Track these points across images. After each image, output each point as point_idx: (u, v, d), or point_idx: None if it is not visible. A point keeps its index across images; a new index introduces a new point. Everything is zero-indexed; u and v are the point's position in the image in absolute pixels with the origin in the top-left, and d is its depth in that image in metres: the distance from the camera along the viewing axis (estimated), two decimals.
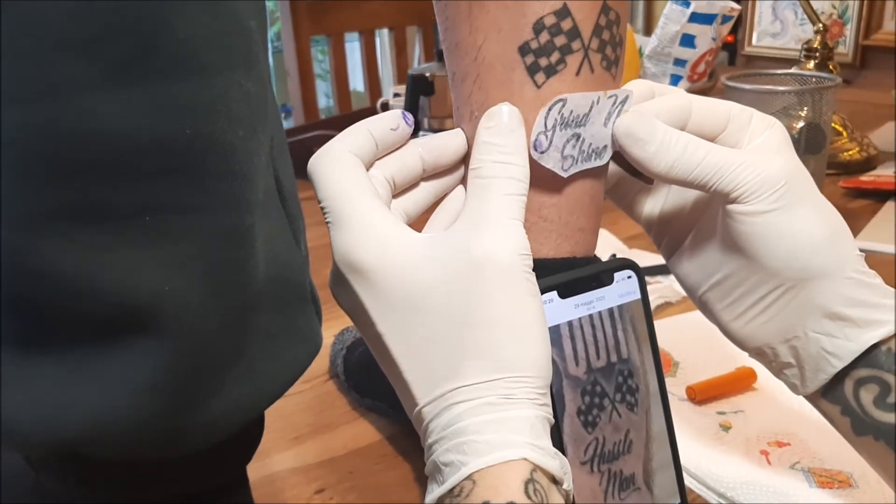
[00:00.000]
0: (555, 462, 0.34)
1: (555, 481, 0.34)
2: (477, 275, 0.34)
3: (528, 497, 0.32)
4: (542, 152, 0.39)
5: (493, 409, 0.34)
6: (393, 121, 0.39)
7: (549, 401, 0.36)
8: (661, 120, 0.40)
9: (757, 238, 0.40)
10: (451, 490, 0.33)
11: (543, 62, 0.39)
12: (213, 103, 0.31)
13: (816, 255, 0.40)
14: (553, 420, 0.36)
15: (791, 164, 0.41)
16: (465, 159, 0.41)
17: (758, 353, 0.43)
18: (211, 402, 0.36)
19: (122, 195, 0.31)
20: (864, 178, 1.15)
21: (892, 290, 0.41)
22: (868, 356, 0.40)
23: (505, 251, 0.35)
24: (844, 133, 1.27)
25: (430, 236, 0.36)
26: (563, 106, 0.39)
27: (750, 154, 0.40)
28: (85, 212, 0.31)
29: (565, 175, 0.40)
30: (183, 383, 0.35)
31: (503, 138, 0.37)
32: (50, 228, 0.30)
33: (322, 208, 0.37)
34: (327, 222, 0.37)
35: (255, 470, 0.60)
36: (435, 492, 0.34)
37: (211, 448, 0.38)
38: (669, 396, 0.65)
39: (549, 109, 0.39)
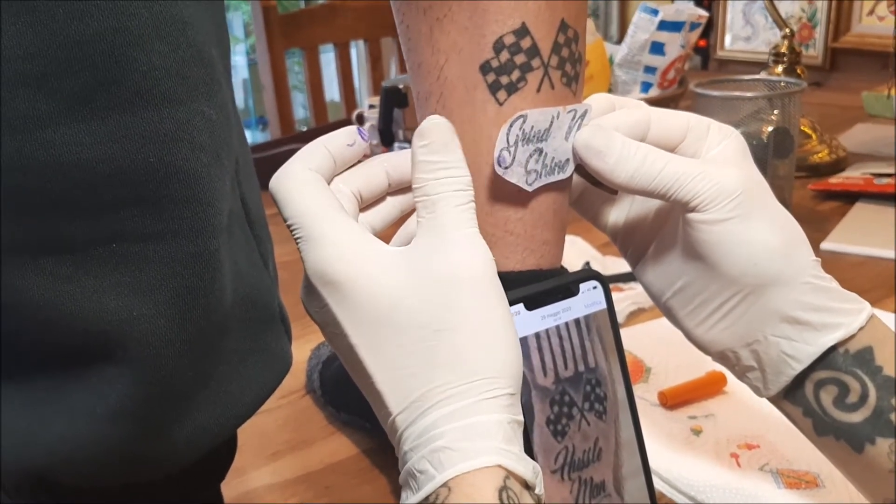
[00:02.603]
0: (527, 467, 0.34)
1: (527, 486, 0.35)
2: (445, 286, 0.35)
3: (503, 503, 0.33)
4: (506, 168, 0.40)
5: (465, 415, 0.34)
6: (349, 137, 0.39)
7: (519, 404, 0.36)
8: (621, 132, 0.41)
9: (715, 246, 0.41)
10: (427, 498, 0.33)
11: (504, 80, 0.40)
12: (175, 133, 0.32)
13: (773, 262, 0.41)
14: (523, 422, 0.36)
15: (748, 173, 0.42)
16: None
17: (721, 357, 0.44)
18: (178, 427, 0.37)
19: (86, 225, 0.31)
20: (834, 179, 1.17)
21: (849, 293, 0.42)
22: (826, 358, 0.41)
23: (471, 261, 0.36)
24: (814, 136, 1.28)
25: (399, 249, 0.37)
26: (524, 122, 0.40)
27: (708, 164, 0.41)
28: (48, 242, 0.31)
29: (530, 189, 0.41)
30: (149, 409, 0.35)
31: (440, 154, 0.37)
32: (13, 259, 0.31)
33: (289, 226, 0.37)
34: (296, 238, 0.37)
35: (233, 487, 0.60)
36: (410, 500, 0.34)
37: (180, 470, 0.38)
38: (641, 402, 0.66)
39: (511, 126, 0.39)
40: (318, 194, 0.37)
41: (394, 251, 0.37)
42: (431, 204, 0.37)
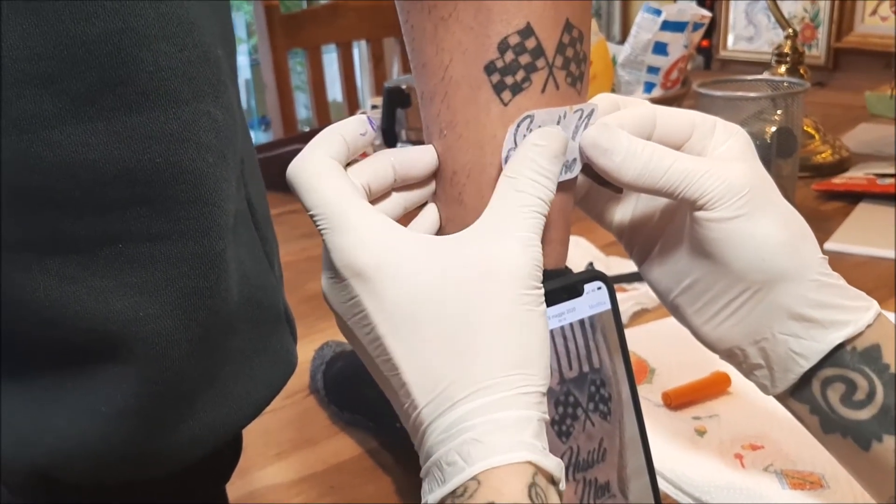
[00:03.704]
0: (553, 462, 0.34)
1: (552, 481, 0.34)
2: (494, 277, 0.35)
3: (531, 500, 0.32)
4: None
5: (497, 409, 0.34)
6: (361, 126, 0.39)
7: (546, 402, 0.36)
8: (627, 131, 0.41)
9: (723, 243, 0.41)
10: (455, 490, 0.33)
11: (509, 80, 0.40)
12: (181, 132, 0.32)
13: (780, 259, 0.41)
14: (548, 419, 0.36)
15: (755, 171, 0.42)
16: (434, 175, 0.42)
17: (728, 354, 0.44)
18: (182, 426, 0.37)
19: (92, 225, 0.31)
20: (837, 180, 1.17)
21: (856, 291, 0.42)
22: (834, 356, 0.41)
23: (526, 258, 0.36)
24: (817, 136, 1.28)
25: (440, 238, 0.37)
26: (531, 122, 0.40)
27: (714, 162, 0.41)
28: (54, 242, 0.31)
29: None
30: (154, 408, 0.35)
31: (547, 161, 0.38)
32: (20, 259, 0.31)
33: (312, 216, 0.37)
34: (321, 229, 0.36)
35: (237, 487, 0.61)
36: (436, 491, 0.34)
37: (185, 470, 0.38)
38: (645, 402, 0.66)
39: (518, 126, 0.39)
40: (342, 183, 0.37)
41: (432, 240, 0.36)
42: (514, 197, 0.37)
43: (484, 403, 0.34)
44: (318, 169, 0.37)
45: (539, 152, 0.38)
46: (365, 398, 0.66)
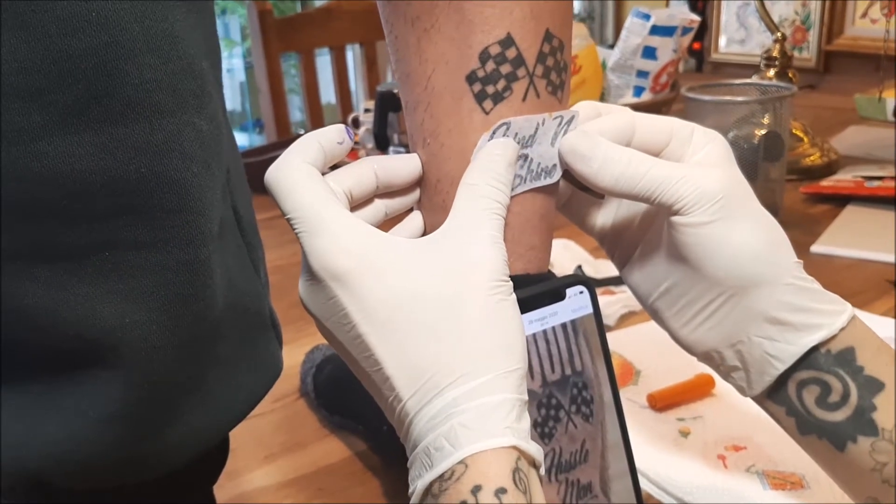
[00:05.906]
0: (535, 447, 0.35)
1: (533, 465, 0.35)
2: (468, 276, 0.36)
3: (515, 485, 0.33)
4: None
5: (482, 393, 0.35)
6: (339, 135, 0.40)
7: (525, 384, 0.37)
8: (606, 137, 0.42)
9: (699, 248, 0.42)
10: (442, 474, 0.34)
11: (490, 90, 0.41)
12: (165, 143, 0.33)
13: (755, 264, 0.41)
14: (527, 399, 0.37)
15: (730, 176, 0.42)
16: (419, 182, 0.43)
17: (706, 357, 0.45)
18: (169, 430, 0.37)
19: (79, 234, 0.32)
20: (825, 182, 1.17)
21: (831, 294, 0.43)
22: (808, 358, 0.42)
23: (495, 253, 0.37)
24: (806, 139, 1.29)
25: (416, 240, 0.38)
26: (508, 129, 0.40)
27: (690, 168, 0.42)
28: (43, 250, 0.32)
29: (512, 194, 0.42)
30: (141, 412, 0.36)
31: (504, 169, 0.40)
32: (9, 267, 0.31)
33: (289, 220, 0.37)
34: (298, 232, 0.37)
35: (226, 489, 0.61)
36: (425, 476, 0.35)
37: (173, 473, 0.39)
38: (631, 404, 0.67)
39: (493, 133, 0.40)
40: (319, 188, 0.38)
41: (406, 241, 0.38)
42: (475, 202, 0.39)
43: (469, 389, 0.35)
44: (295, 174, 0.38)
45: (496, 160, 0.40)
46: (354, 402, 0.67)
